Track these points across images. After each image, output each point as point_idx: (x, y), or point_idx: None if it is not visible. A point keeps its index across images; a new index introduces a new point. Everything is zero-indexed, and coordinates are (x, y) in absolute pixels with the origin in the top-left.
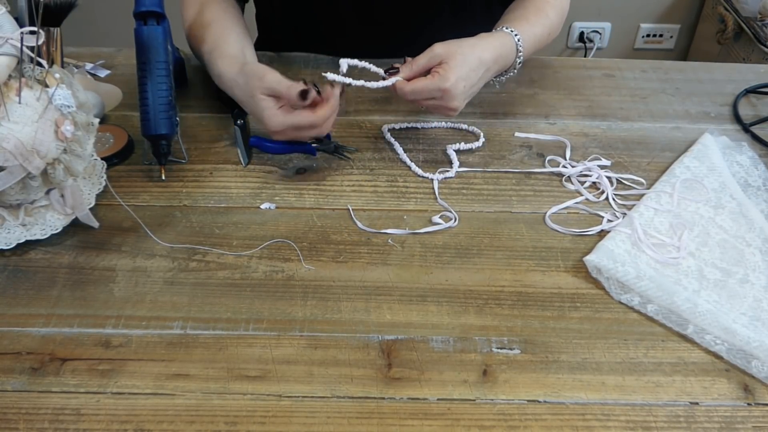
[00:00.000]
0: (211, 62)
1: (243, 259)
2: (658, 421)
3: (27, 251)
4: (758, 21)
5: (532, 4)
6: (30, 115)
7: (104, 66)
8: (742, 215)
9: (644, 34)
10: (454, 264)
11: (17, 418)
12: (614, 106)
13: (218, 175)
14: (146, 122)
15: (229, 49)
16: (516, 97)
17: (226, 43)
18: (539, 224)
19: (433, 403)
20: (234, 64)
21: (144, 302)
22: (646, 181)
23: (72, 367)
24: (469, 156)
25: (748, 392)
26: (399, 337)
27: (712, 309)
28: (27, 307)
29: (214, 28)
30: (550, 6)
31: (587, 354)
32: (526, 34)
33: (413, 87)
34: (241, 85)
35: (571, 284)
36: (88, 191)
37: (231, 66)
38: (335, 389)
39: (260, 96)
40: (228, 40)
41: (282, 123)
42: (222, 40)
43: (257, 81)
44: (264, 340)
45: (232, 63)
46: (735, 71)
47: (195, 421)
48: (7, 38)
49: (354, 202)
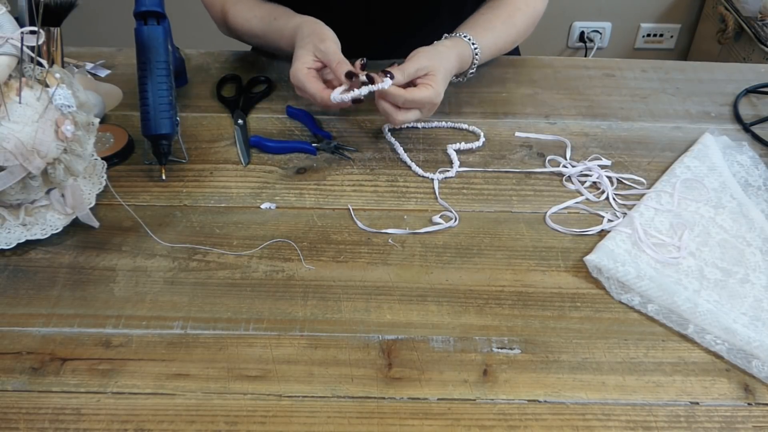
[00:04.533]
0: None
1: (243, 259)
2: (658, 421)
3: (27, 251)
4: (759, 21)
5: (504, 11)
6: (30, 115)
7: (104, 66)
8: (743, 215)
9: (645, 34)
10: (455, 264)
11: (17, 417)
12: (614, 106)
13: (218, 175)
14: (146, 122)
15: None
16: (516, 97)
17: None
18: (539, 224)
19: (433, 402)
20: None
21: (144, 302)
22: (647, 180)
23: (72, 366)
24: (470, 156)
25: (748, 392)
26: (399, 337)
27: (713, 309)
28: (27, 307)
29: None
30: (521, 13)
31: (587, 354)
32: (487, 45)
33: (412, 96)
34: (303, 36)
35: (572, 284)
36: (88, 191)
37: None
38: (335, 389)
39: (308, 49)
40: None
41: (299, 78)
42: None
43: (318, 39)
44: (264, 340)
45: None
46: (735, 71)
47: (195, 420)
48: (7, 38)
49: (354, 202)
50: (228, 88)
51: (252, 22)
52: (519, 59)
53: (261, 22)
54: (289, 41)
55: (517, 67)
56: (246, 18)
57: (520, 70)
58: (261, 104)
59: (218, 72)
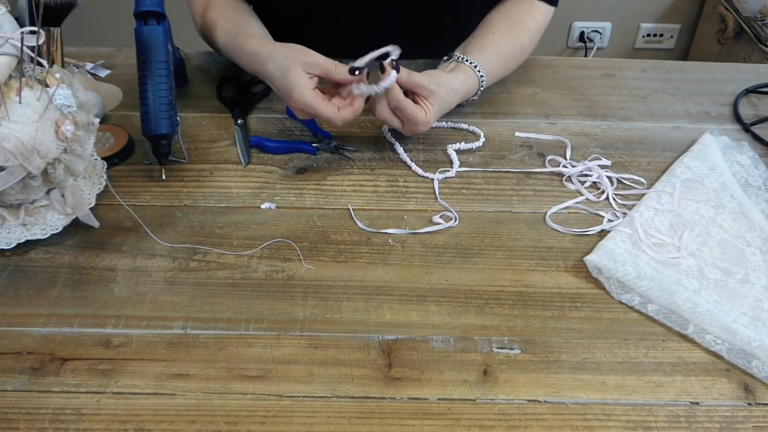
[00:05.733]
0: (236, 45)
1: (243, 259)
2: (658, 421)
3: (27, 251)
4: (759, 21)
5: (512, 29)
6: (30, 115)
7: (104, 66)
8: (743, 215)
9: (645, 34)
10: (455, 264)
11: (17, 418)
12: (614, 106)
13: (218, 175)
14: (146, 122)
15: (255, 30)
16: (516, 97)
17: (250, 27)
18: (539, 224)
19: (433, 402)
20: (266, 43)
21: (144, 302)
22: (647, 180)
23: (72, 366)
24: (470, 156)
25: (748, 392)
26: (399, 337)
27: (713, 309)
28: (27, 307)
29: (234, 18)
30: (528, 31)
31: (588, 354)
32: (492, 72)
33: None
34: (277, 60)
35: (572, 284)
36: (88, 191)
37: (264, 44)
38: (336, 389)
39: (298, 71)
40: (250, 25)
41: (308, 103)
42: (245, 26)
43: (300, 55)
44: (264, 340)
45: (263, 42)
46: (735, 71)
47: (195, 420)
48: (7, 38)
49: (354, 202)
50: (228, 88)
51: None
52: None
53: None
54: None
55: (517, 67)
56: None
57: (520, 70)
58: (261, 104)
59: (218, 72)
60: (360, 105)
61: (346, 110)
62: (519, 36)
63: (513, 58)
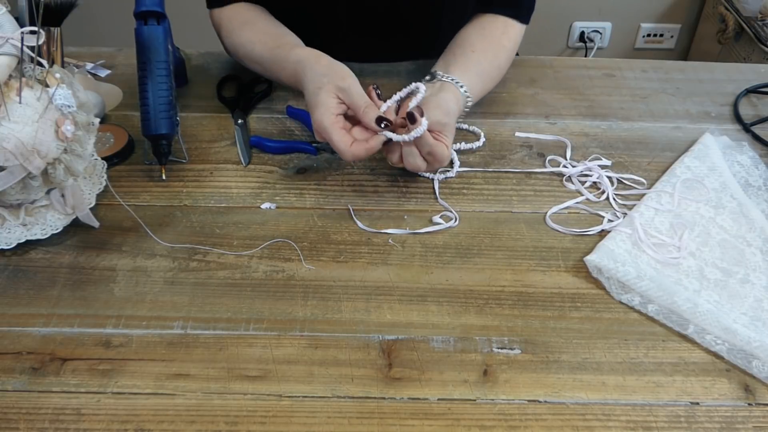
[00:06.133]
0: (280, 55)
1: (243, 259)
2: (658, 421)
3: (27, 251)
4: (759, 21)
5: (490, 50)
6: (30, 115)
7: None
8: (743, 215)
9: (645, 34)
10: (455, 264)
11: (18, 418)
12: (615, 106)
13: (218, 175)
14: (147, 122)
15: (296, 40)
16: (516, 97)
17: (290, 38)
18: (540, 224)
19: (433, 403)
20: (313, 53)
21: (144, 302)
22: (647, 180)
23: (72, 366)
24: (470, 156)
25: (748, 392)
26: (399, 337)
27: (713, 309)
28: (27, 307)
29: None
30: (504, 51)
31: (588, 354)
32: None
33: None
34: (316, 74)
35: (572, 284)
36: (88, 191)
37: (311, 54)
38: (336, 389)
39: (330, 92)
40: (290, 37)
41: (325, 127)
42: (285, 38)
43: (339, 78)
44: (264, 340)
45: (311, 52)
46: (735, 71)
47: (195, 421)
48: (7, 38)
49: (354, 202)
50: (228, 88)
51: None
52: (519, 59)
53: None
54: (291, 76)
55: (517, 67)
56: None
57: (520, 70)
58: (261, 104)
59: (218, 72)
60: (376, 145)
61: (359, 146)
62: (497, 56)
63: (492, 78)
